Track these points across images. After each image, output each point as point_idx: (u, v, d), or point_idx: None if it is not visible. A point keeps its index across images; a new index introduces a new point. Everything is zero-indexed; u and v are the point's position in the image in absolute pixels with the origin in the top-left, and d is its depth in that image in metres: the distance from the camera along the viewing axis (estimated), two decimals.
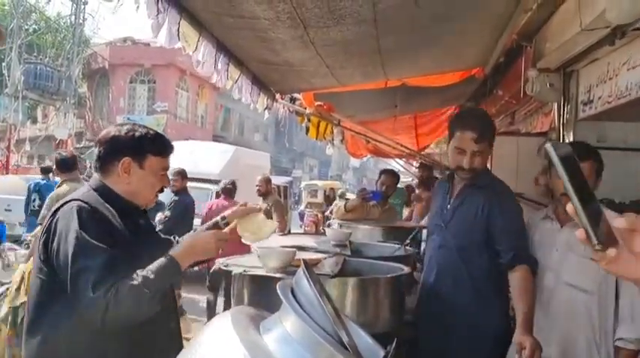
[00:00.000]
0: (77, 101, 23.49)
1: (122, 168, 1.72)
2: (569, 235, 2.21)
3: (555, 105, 4.62)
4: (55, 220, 1.62)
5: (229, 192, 7.31)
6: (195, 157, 10.29)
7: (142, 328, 1.59)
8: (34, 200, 8.17)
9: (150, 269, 1.58)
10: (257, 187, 7.02)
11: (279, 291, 1.19)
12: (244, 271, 1.72)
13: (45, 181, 8.47)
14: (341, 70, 3.89)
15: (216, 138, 26.06)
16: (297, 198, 21.69)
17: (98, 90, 24.68)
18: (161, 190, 1.81)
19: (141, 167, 1.74)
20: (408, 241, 2.78)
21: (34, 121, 26.48)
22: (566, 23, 3.66)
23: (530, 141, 4.92)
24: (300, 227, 15.74)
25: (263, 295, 1.68)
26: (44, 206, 5.20)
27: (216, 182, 9.95)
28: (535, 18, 4.02)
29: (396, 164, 12.63)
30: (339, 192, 17.68)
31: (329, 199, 15.97)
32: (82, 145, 24.06)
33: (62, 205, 1.65)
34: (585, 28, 3.33)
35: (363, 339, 1.30)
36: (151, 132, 1.81)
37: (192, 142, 15.48)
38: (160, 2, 2.59)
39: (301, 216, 16.73)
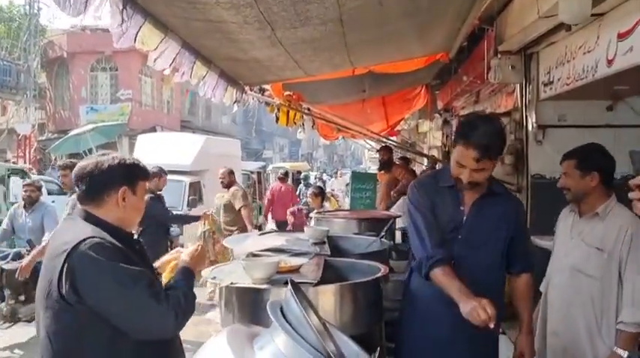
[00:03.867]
0: (37, 93, 22.74)
1: (120, 196, 1.75)
2: (584, 225, 2.44)
3: (518, 86, 4.76)
4: (73, 263, 1.59)
5: (283, 179, 11.11)
6: (166, 149, 10.17)
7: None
8: None
9: (180, 279, 1.77)
10: (220, 180, 7.05)
11: (269, 312, 1.28)
12: (231, 283, 1.79)
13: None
14: (309, 63, 3.94)
15: (184, 123, 25.62)
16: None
17: (58, 80, 23.82)
18: None
19: (134, 193, 1.79)
20: (383, 233, 2.87)
21: None
22: (526, 9, 3.77)
23: None
24: None
25: (251, 306, 1.77)
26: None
27: (188, 173, 9.89)
28: (495, 2, 4.12)
29: (365, 144, 12.79)
30: (302, 175, 17.53)
31: (297, 183, 15.88)
32: (44, 138, 23.41)
33: (75, 247, 1.61)
34: (542, 16, 3.45)
35: (350, 348, 1.40)
36: (132, 158, 1.85)
37: (161, 134, 15.17)
38: (124, 12, 2.58)
39: None
